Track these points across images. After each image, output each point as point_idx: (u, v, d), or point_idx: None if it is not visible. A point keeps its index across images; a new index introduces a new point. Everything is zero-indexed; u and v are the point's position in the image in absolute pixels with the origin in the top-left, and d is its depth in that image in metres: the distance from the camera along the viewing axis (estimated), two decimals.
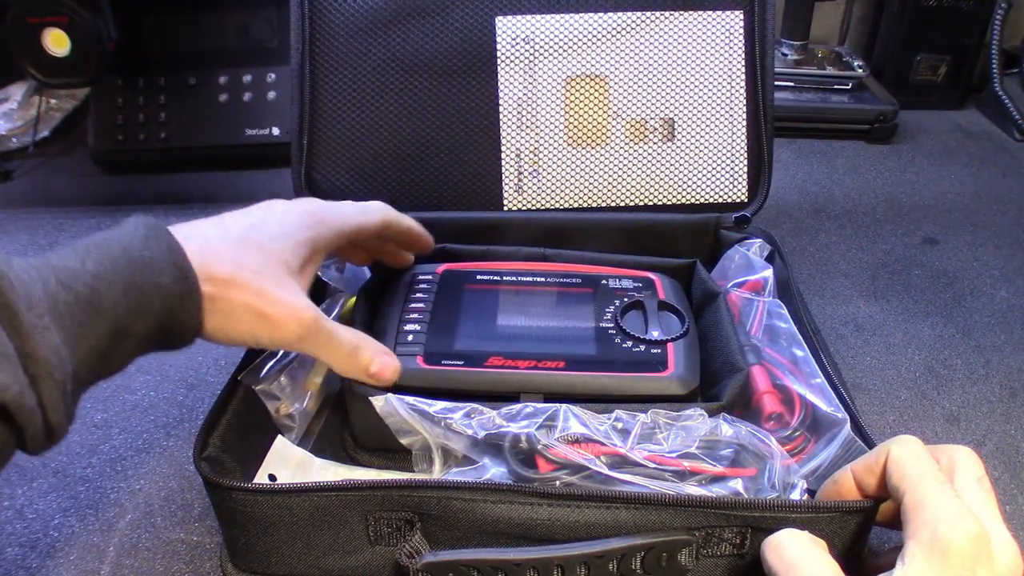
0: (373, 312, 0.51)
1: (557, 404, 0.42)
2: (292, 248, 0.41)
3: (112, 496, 0.48)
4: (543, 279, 0.53)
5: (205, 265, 0.37)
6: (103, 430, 0.52)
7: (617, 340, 0.48)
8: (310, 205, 0.45)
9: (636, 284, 0.53)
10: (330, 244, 0.44)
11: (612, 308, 0.50)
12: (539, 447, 0.40)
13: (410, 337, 0.47)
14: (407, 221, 0.50)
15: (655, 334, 0.48)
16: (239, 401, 0.45)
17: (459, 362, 0.46)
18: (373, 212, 0.48)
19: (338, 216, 0.45)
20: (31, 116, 0.87)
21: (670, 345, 0.47)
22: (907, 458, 0.35)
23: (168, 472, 0.50)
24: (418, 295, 0.51)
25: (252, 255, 0.39)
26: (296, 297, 0.40)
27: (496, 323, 0.49)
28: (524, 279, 0.53)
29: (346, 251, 0.51)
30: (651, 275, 0.54)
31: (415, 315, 0.49)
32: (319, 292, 0.54)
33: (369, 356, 0.43)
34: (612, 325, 0.49)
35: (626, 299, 0.51)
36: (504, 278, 0.53)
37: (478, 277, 0.53)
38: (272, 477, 0.44)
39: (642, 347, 0.47)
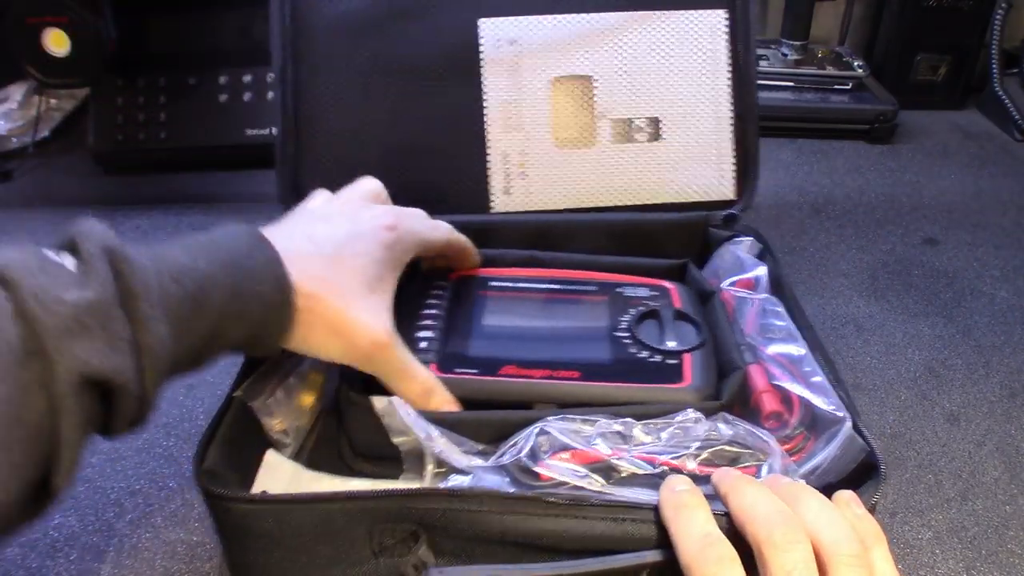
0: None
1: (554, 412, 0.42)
2: (375, 267, 0.43)
3: (112, 496, 0.48)
4: (558, 286, 0.53)
5: (297, 279, 0.38)
6: None
7: (632, 350, 0.47)
8: (390, 218, 0.45)
9: (652, 293, 0.52)
10: (405, 260, 0.46)
11: (627, 317, 0.49)
12: (540, 456, 0.40)
13: (423, 344, 0.47)
14: (464, 240, 0.52)
15: (671, 344, 0.47)
16: (237, 414, 0.44)
17: (473, 370, 0.45)
18: (441, 231, 0.49)
19: (413, 233, 0.46)
20: (31, 116, 0.87)
21: (686, 356, 0.46)
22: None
23: (168, 472, 0.50)
24: (431, 301, 0.50)
25: (340, 273, 0.41)
26: (373, 316, 0.41)
27: (510, 331, 0.49)
28: (539, 286, 0.53)
29: None
30: (667, 284, 0.53)
31: (428, 321, 0.48)
32: None
33: (438, 404, 0.43)
34: (627, 334, 0.48)
35: (641, 308, 0.50)
36: (518, 284, 0.53)
37: (491, 284, 0.53)
38: (265, 493, 0.44)
39: (658, 357, 0.46)
